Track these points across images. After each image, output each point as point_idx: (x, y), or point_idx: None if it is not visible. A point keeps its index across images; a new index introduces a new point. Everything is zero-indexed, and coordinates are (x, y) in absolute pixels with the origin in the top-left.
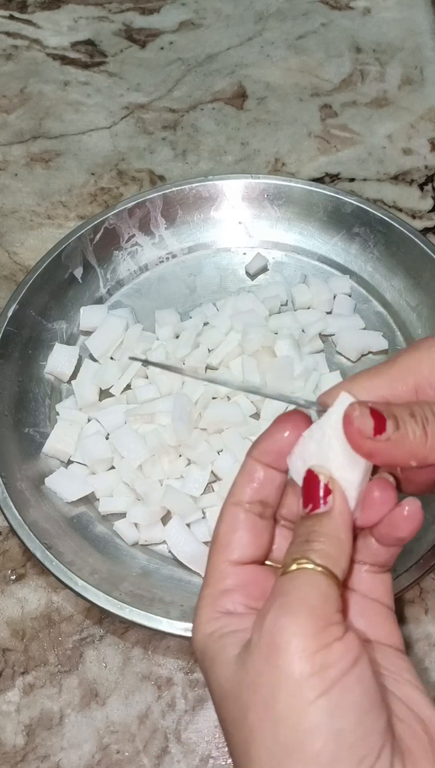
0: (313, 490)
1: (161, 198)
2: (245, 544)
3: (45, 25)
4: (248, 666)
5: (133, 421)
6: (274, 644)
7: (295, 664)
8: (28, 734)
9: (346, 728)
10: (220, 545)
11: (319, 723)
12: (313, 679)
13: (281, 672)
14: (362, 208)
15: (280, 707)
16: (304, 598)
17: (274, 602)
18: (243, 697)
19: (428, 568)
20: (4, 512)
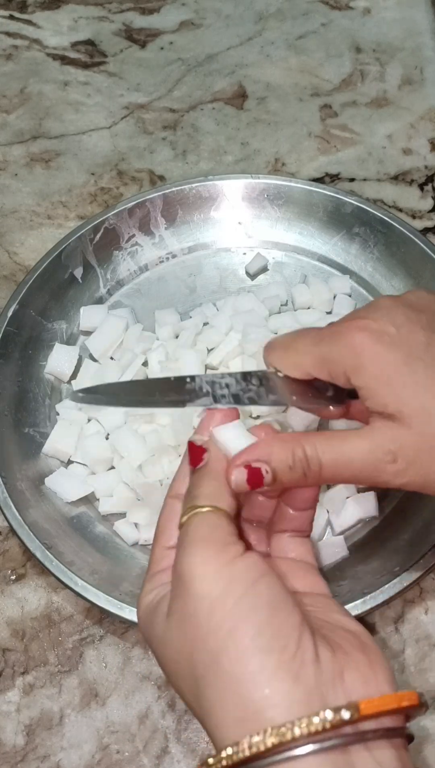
0: (193, 452)
1: (161, 198)
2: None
3: (45, 25)
4: (173, 610)
5: (133, 421)
6: (183, 579)
7: (204, 586)
8: (28, 734)
9: (262, 623)
10: (159, 532)
11: (236, 625)
12: (224, 593)
13: (195, 598)
14: (362, 208)
15: (205, 626)
16: (195, 533)
17: (178, 548)
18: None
19: (428, 568)
20: (4, 512)
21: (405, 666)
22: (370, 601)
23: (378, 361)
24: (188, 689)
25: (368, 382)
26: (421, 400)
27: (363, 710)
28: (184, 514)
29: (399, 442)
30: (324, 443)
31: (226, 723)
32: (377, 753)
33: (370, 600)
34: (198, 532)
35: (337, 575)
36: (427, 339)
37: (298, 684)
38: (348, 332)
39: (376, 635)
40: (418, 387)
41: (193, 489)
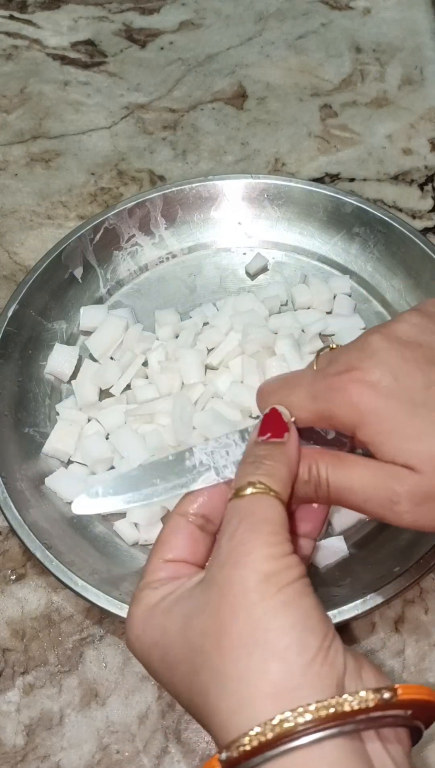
0: (275, 421)
1: (161, 198)
2: (181, 546)
3: (45, 25)
4: (217, 579)
5: (133, 421)
6: (240, 551)
7: (264, 564)
8: (28, 734)
9: (311, 607)
10: (159, 544)
11: (290, 601)
12: (280, 574)
13: (251, 570)
14: (362, 208)
15: (252, 596)
16: (268, 520)
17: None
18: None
19: (428, 568)
20: (4, 512)
21: (405, 666)
22: (370, 601)
23: (379, 416)
24: (209, 666)
25: (374, 439)
26: (429, 447)
27: (401, 694)
28: (247, 486)
29: (408, 485)
30: (334, 466)
31: (255, 700)
32: (390, 747)
33: (370, 600)
34: (269, 514)
35: (337, 575)
36: (425, 380)
37: (332, 671)
38: (344, 388)
39: (376, 635)
40: (423, 435)
41: (266, 463)
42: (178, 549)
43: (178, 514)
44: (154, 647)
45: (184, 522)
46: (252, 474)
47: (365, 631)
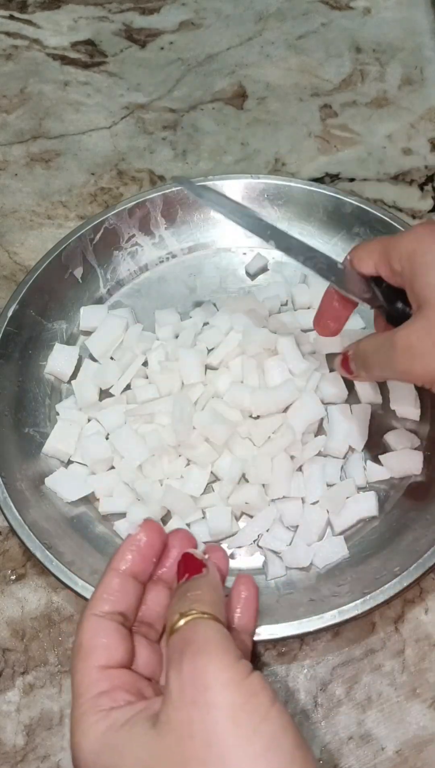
0: (190, 562)
1: (161, 198)
2: (111, 647)
3: (45, 25)
4: (173, 722)
5: (133, 421)
6: (199, 686)
7: (227, 695)
8: (28, 734)
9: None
10: (86, 652)
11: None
12: (248, 706)
13: (215, 707)
14: (362, 208)
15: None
16: (211, 640)
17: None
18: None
19: (428, 568)
20: (4, 512)
21: (405, 666)
22: (370, 601)
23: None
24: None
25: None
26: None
27: None
28: (180, 618)
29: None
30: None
31: None
32: None
33: (370, 600)
34: (214, 638)
35: (337, 575)
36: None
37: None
38: (411, 230)
39: (376, 635)
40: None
41: (192, 593)
42: (111, 651)
43: (96, 615)
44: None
45: (104, 621)
46: (179, 607)
47: (365, 631)
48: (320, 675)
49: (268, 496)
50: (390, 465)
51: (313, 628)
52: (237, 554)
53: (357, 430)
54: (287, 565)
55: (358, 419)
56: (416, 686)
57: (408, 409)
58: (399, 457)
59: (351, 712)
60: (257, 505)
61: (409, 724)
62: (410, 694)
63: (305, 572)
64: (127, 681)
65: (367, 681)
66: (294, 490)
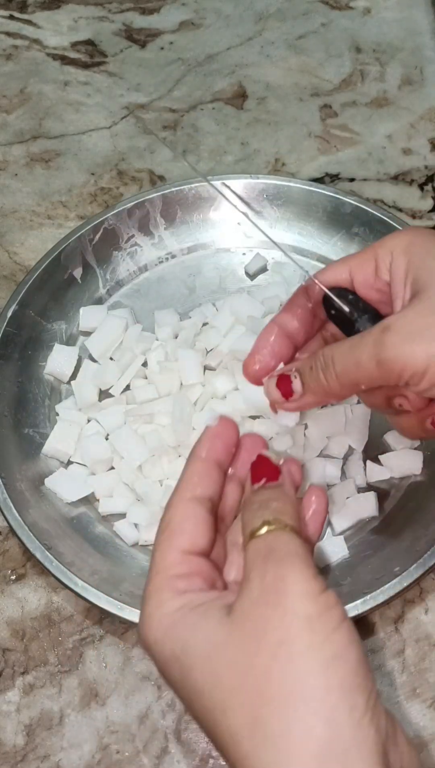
0: (266, 466)
1: (160, 198)
2: (196, 533)
3: (45, 25)
4: (249, 616)
5: (133, 421)
6: (281, 591)
7: (305, 605)
8: (28, 734)
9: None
10: (172, 532)
11: (338, 653)
12: (323, 617)
13: (292, 612)
14: (362, 208)
15: (297, 644)
16: (294, 552)
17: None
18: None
19: (428, 568)
20: (4, 513)
21: (405, 666)
22: (370, 601)
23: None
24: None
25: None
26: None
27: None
28: (263, 525)
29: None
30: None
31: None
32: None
33: (370, 600)
34: (295, 548)
35: (337, 575)
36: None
37: (377, 735)
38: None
39: (376, 635)
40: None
41: (273, 503)
42: (195, 538)
43: (190, 500)
44: (175, 661)
45: (193, 506)
46: (262, 515)
47: (365, 631)
48: None
49: None
50: (390, 465)
51: None
52: None
53: (357, 430)
54: None
55: (358, 419)
56: (416, 686)
57: None
58: (399, 457)
59: None
60: None
61: (409, 724)
62: (410, 694)
63: None
64: (205, 569)
65: None
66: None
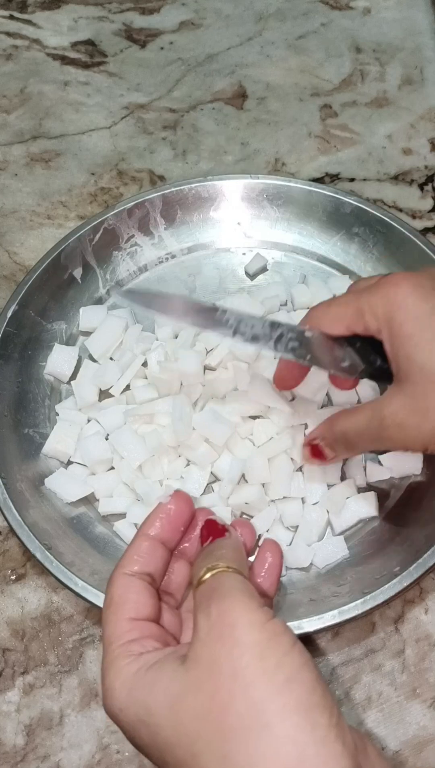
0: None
1: (160, 198)
2: (140, 602)
3: (45, 25)
4: (201, 659)
5: (133, 421)
6: (226, 625)
7: (252, 634)
8: (28, 734)
9: (314, 680)
10: (116, 604)
11: (293, 677)
12: (272, 642)
13: (241, 644)
14: (362, 208)
15: (249, 674)
16: (235, 587)
17: (210, 599)
18: (203, 688)
19: (428, 568)
20: (4, 513)
21: (405, 666)
22: (370, 601)
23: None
24: (210, 750)
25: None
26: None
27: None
28: (206, 573)
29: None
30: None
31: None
32: None
33: (370, 600)
34: (235, 585)
35: (337, 575)
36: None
37: (346, 749)
38: (387, 283)
39: (376, 635)
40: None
41: (216, 552)
42: (139, 605)
43: (126, 574)
44: (141, 725)
45: (134, 580)
46: (205, 563)
47: (365, 631)
48: None
49: (267, 497)
50: (390, 465)
51: (313, 628)
52: None
53: None
54: (287, 565)
55: None
56: (416, 686)
57: None
58: (399, 457)
59: (351, 712)
60: (257, 505)
61: (409, 724)
62: (410, 694)
63: (305, 572)
64: (155, 632)
65: (367, 681)
66: (294, 491)
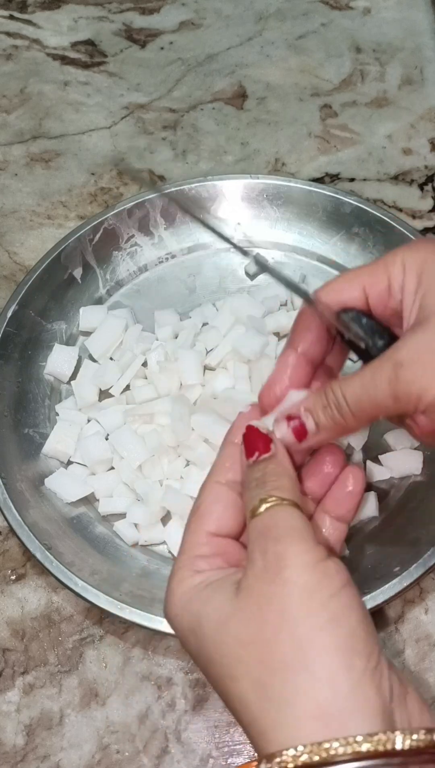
0: (256, 438)
1: (160, 198)
2: (224, 516)
3: (45, 25)
4: (254, 591)
5: (133, 421)
6: (281, 566)
7: (302, 575)
8: (28, 734)
9: (356, 623)
10: (200, 514)
11: (333, 618)
12: (321, 584)
13: (291, 584)
14: (362, 208)
15: (295, 612)
16: (291, 526)
17: (266, 537)
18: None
19: (428, 568)
20: (4, 513)
21: (405, 666)
22: (370, 601)
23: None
24: (250, 677)
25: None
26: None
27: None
28: (260, 504)
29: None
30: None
31: (300, 720)
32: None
33: (370, 600)
34: (291, 522)
35: None
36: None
37: (378, 695)
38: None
39: None
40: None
41: (266, 478)
42: (223, 520)
43: (218, 483)
44: (190, 633)
45: (225, 490)
46: (259, 493)
47: None
48: None
49: None
50: (390, 465)
51: None
52: None
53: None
54: None
55: None
56: (416, 686)
57: None
58: (399, 457)
59: None
60: None
61: None
62: None
63: None
64: (230, 550)
65: None
66: None
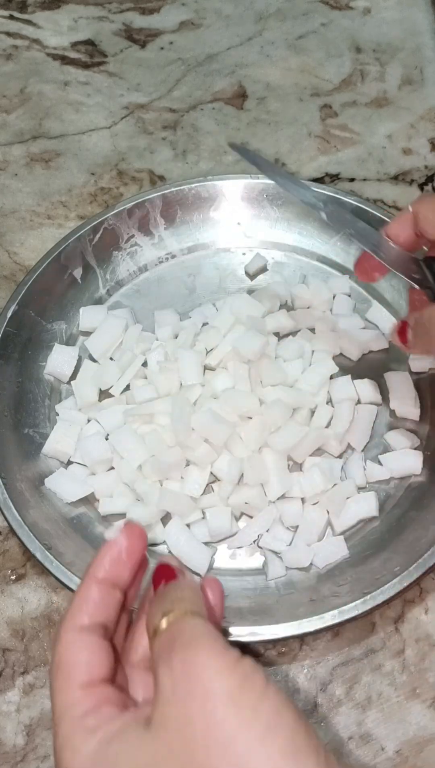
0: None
1: (160, 198)
2: (93, 662)
3: (45, 25)
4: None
5: (132, 421)
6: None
7: (222, 680)
8: (28, 734)
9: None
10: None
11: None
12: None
13: (212, 694)
14: (362, 208)
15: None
16: (197, 633)
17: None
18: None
19: (428, 568)
20: (4, 513)
21: (405, 666)
22: (370, 601)
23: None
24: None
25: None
26: None
27: None
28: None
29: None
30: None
31: None
32: None
33: (370, 600)
34: (197, 630)
35: (337, 575)
36: None
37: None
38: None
39: (376, 635)
40: None
41: (171, 594)
42: (92, 667)
43: (75, 631)
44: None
45: (86, 635)
46: (161, 608)
47: (365, 631)
48: (320, 675)
49: (267, 496)
50: (390, 465)
51: (313, 628)
52: (237, 554)
53: (359, 430)
54: (287, 565)
55: (361, 419)
56: (416, 686)
57: (408, 409)
58: (399, 457)
59: (351, 712)
60: (257, 505)
61: (409, 724)
62: (410, 694)
63: (305, 572)
64: (112, 696)
65: (367, 681)
66: (294, 491)
